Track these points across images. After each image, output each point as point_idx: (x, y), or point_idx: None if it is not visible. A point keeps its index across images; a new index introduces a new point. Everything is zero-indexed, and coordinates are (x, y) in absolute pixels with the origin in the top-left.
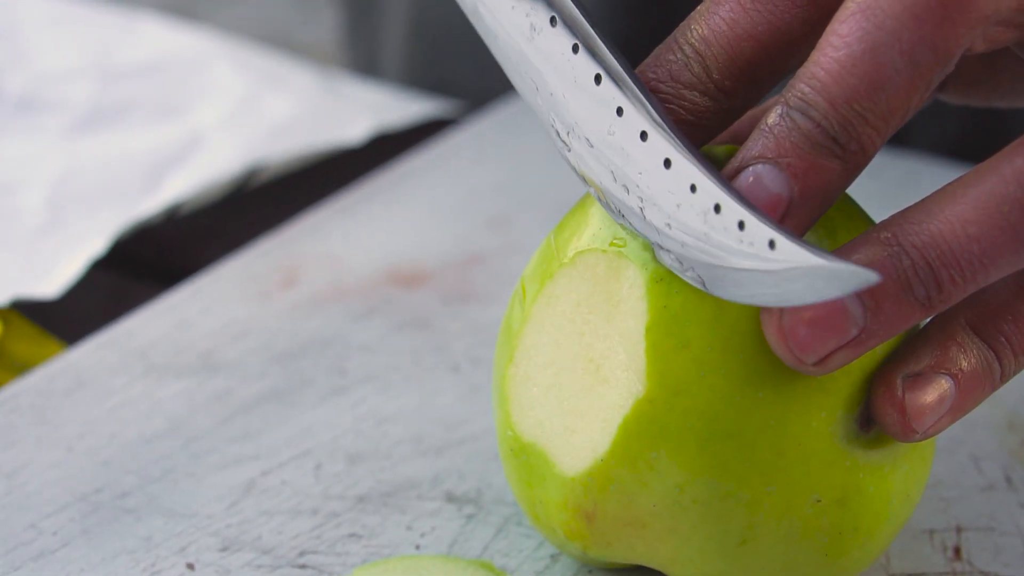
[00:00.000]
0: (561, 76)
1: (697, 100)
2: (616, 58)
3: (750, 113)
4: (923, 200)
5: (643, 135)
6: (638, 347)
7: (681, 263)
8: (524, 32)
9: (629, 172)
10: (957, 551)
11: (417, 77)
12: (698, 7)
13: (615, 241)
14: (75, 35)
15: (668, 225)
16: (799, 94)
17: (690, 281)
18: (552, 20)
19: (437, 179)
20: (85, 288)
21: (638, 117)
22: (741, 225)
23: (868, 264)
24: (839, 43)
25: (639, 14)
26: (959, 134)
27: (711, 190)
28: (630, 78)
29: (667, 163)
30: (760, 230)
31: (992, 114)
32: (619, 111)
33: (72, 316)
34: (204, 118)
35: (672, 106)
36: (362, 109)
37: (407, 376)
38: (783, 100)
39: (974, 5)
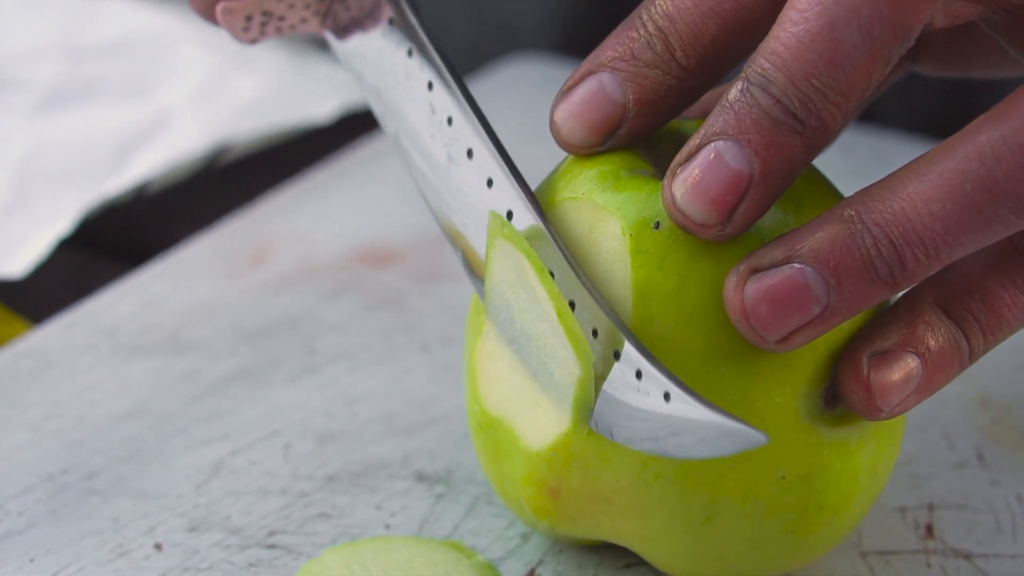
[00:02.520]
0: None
1: (660, 79)
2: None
3: (720, 89)
4: (886, 177)
5: (551, 273)
6: None
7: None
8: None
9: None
10: (929, 529)
11: None
12: None
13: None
14: (42, 14)
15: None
16: (759, 70)
17: (593, 428)
18: (469, 152)
19: None
20: (52, 267)
21: (547, 252)
22: (639, 374)
23: (831, 242)
24: (798, 18)
25: (594, 5)
26: (930, 111)
27: (613, 336)
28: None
29: (572, 304)
30: (657, 381)
31: (963, 91)
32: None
33: (39, 295)
34: (171, 97)
35: (635, 85)
36: (330, 87)
37: (377, 356)
38: (744, 76)
39: None
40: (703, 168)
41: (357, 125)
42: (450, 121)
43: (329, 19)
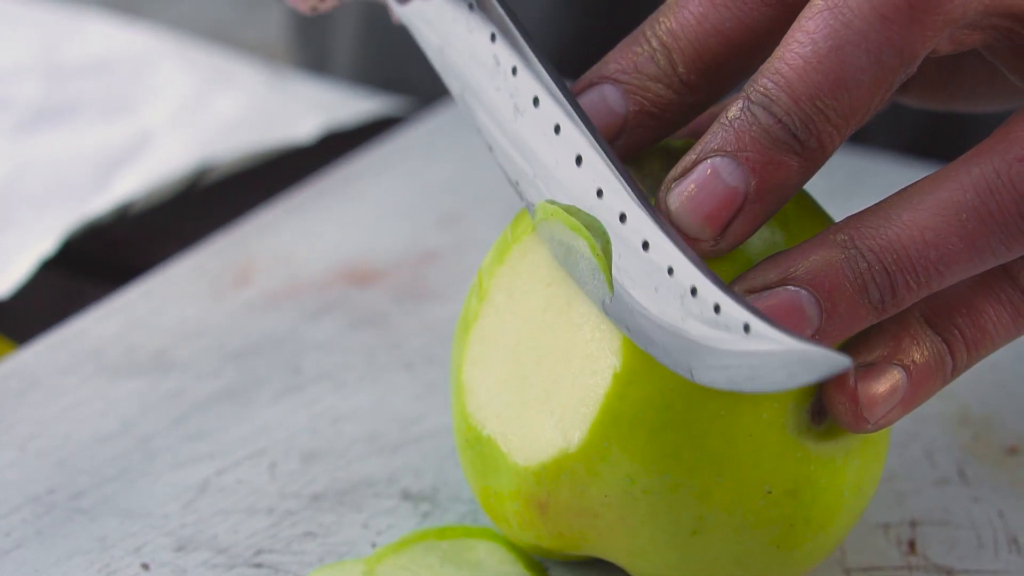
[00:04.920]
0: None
1: (662, 93)
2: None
3: (713, 110)
4: (880, 204)
5: (622, 217)
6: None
7: (667, 350)
8: (507, 114)
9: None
10: (912, 545)
11: (368, 73)
12: (667, 0)
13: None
14: (20, 33)
15: (646, 310)
16: (762, 89)
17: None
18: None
19: (389, 177)
20: (35, 288)
21: (619, 197)
22: (717, 308)
23: (824, 266)
24: (805, 39)
25: (592, 15)
26: (914, 132)
27: (689, 272)
28: (610, 161)
29: (645, 245)
30: (736, 312)
31: (948, 113)
32: (599, 193)
33: (23, 316)
34: (153, 116)
35: (636, 97)
36: (312, 107)
37: (362, 374)
38: (745, 94)
39: (942, 8)
40: (699, 183)
41: (339, 144)
42: (515, 71)
43: None
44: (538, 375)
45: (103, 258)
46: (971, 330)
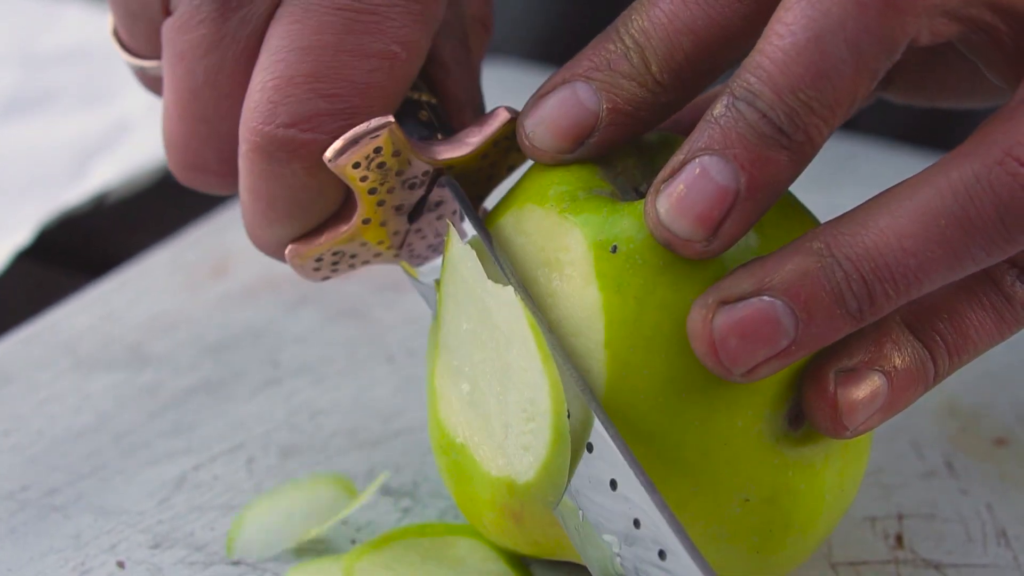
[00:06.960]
0: None
1: (635, 91)
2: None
3: (695, 102)
4: (857, 209)
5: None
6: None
7: None
8: None
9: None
10: (899, 539)
11: None
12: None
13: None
14: None
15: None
16: (745, 84)
17: None
18: None
19: None
20: (9, 280)
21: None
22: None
23: (800, 275)
24: (784, 31)
25: (571, 8)
26: (904, 118)
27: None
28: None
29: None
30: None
31: None
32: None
33: None
34: (130, 105)
35: (610, 95)
36: None
37: (341, 368)
38: (729, 90)
39: None
40: (688, 183)
41: None
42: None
43: (405, 251)
44: (496, 393)
45: (79, 248)
46: (953, 336)
